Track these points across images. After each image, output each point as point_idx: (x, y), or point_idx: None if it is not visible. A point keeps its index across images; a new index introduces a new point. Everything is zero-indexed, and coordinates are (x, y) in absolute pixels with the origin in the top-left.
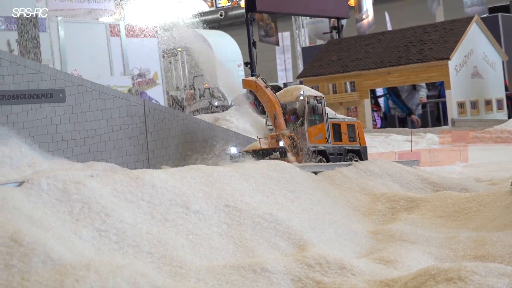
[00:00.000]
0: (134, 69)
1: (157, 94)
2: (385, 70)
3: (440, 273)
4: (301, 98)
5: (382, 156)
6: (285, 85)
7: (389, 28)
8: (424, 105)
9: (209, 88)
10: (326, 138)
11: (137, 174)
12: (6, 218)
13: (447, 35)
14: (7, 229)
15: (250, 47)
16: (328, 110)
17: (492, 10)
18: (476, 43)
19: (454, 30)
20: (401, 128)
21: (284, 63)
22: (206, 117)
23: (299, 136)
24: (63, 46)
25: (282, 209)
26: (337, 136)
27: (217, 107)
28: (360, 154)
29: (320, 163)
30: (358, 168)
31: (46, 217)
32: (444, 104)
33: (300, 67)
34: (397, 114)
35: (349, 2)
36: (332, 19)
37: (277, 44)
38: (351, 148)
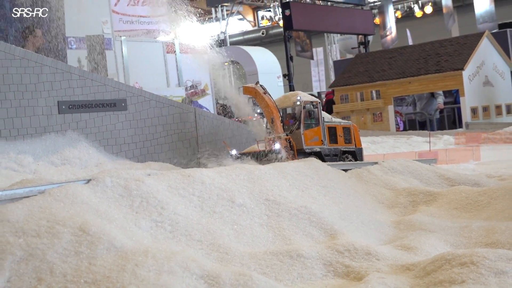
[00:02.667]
0: (187, 81)
1: (207, 103)
2: (406, 80)
3: (455, 258)
4: (298, 103)
5: (403, 155)
6: (319, 94)
7: (410, 43)
8: (441, 111)
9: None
10: (321, 140)
11: (189, 172)
12: (76, 211)
13: (461, 49)
14: (76, 221)
15: (287, 61)
16: (324, 114)
17: (501, 26)
18: (487, 55)
19: (467, 44)
20: (421, 131)
21: (318, 75)
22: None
23: (295, 139)
24: (126, 62)
25: (316, 202)
26: (333, 139)
27: (260, 113)
28: (355, 155)
29: (349, 162)
30: (383, 166)
31: (110, 210)
32: (459, 109)
33: (332, 78)
34: (418, 119)
35: (374, 21)
36: (360, 36)
37: (312, 58)
38: (346, 149)
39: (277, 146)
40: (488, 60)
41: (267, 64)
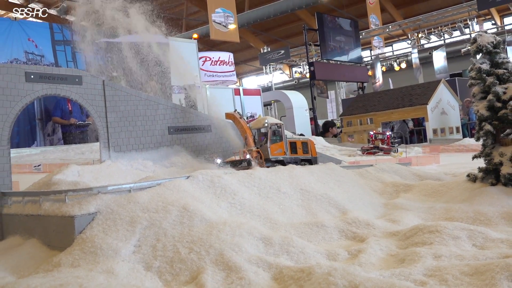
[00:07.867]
0: (247, 113)
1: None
2: (389, 111)
3: (425, 227)
4: (266, 125)
5: (389, 160)
6: (332, 120)
7: (391, 87)
8: (412, 131)
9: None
10: (284, 152)
11: (250, 172)
12: (180, 197)
13: (426, 91)
14: (180, 202)
15: (312, 99)
16: (287, 132)
17: (452, 75)
18: (443, 95)
19: (430, 87)
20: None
21: (332, 108)
22: None
23: (264, 151)
24: (209, 101)
25: (333, 191)
26: (294, 150)
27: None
28: (311, 162)
29: (351, 165)
30: (376, 167)
31: (201, 195)
32: (424, 130)
33: (340, 110)
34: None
35: (368, 73)
36: (359, 83)
37: (327, 98)
38: (304, 158)
39: (248, 156)
40: (444, 98)
41: (298, 101)
